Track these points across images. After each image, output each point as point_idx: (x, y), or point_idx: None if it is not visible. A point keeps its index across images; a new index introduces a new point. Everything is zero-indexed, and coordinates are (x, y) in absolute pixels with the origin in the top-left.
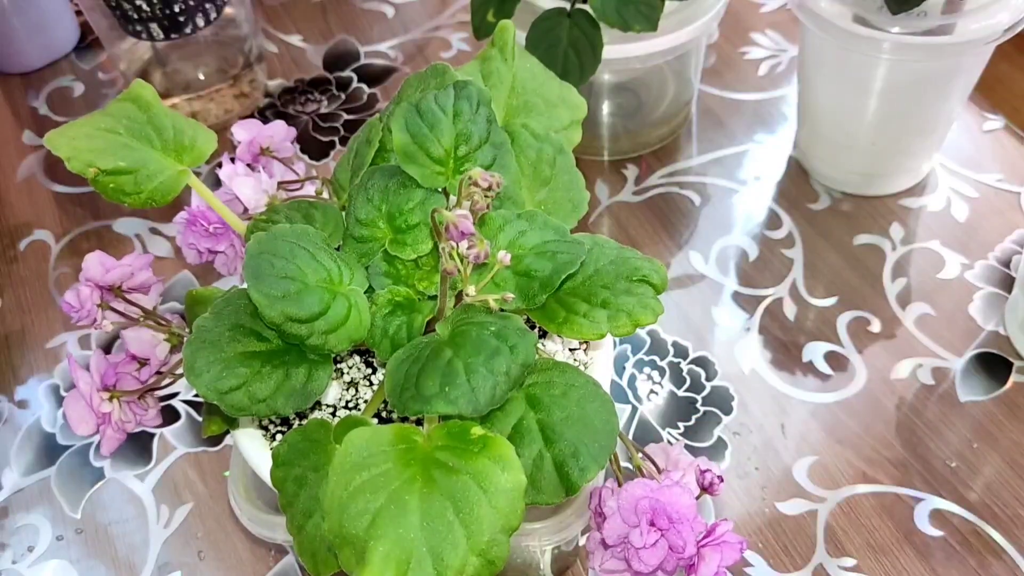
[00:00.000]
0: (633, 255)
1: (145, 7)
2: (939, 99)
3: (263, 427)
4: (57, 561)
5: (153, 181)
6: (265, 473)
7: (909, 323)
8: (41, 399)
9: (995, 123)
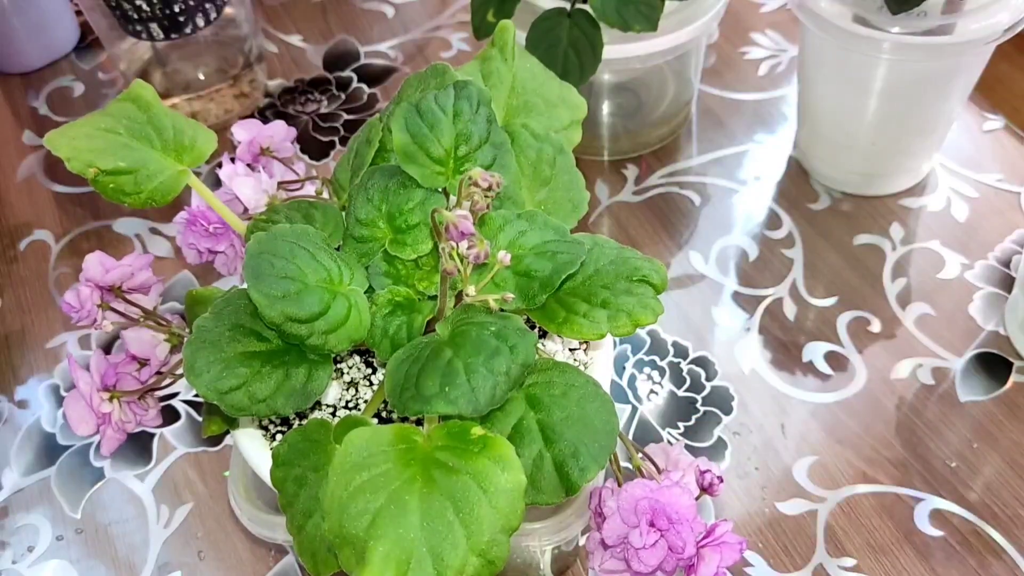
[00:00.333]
0: (633, 255)
1: (145, 7)
2: (939, 99)
3: (263, 427)
4: (57, 561)
5: (153, 181)
6: (265, 473)
7: (909, 323)
8: (41, 399)
9: (995, 123)
